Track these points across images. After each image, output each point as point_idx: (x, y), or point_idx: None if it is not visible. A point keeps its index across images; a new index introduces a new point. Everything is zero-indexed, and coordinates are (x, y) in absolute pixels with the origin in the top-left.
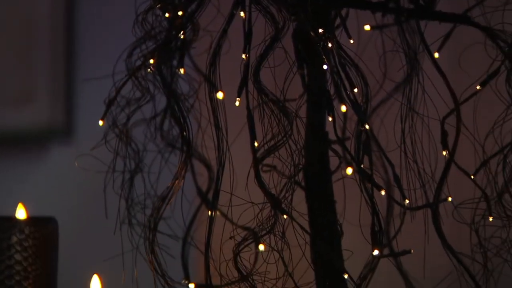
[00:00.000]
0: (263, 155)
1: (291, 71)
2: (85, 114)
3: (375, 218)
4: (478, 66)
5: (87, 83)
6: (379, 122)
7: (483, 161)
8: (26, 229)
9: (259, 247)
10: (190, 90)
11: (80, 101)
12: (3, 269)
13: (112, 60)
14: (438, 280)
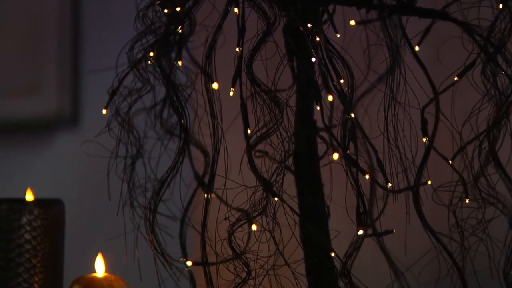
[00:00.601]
0: (255, 142)
1: (282, 63)
2: (90, 104)
3: (360, 200)
4: (455, 58)
5: (91, 75)
6: (364, 111)
7: (460, 147)
8: (35, 210)
9: (251, 227)
10: (188, 81)
11: (85, 91)
12: (14, 247)
13: (115, 53)
14: (418, 258)
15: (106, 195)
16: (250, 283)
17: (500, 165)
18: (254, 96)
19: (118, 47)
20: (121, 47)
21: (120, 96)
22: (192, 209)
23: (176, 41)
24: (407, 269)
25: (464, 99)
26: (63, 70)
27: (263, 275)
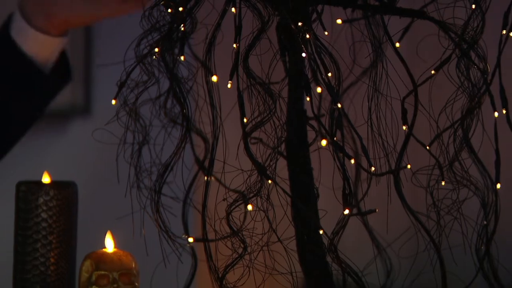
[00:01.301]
0: (251, 130)
1: (275, 58)
2: (101, 95)
3: (346, 182)
4: (432, 54)
5: (102, 68)
6: (349, 102)
7: (436, 134)
8: (51, 192)
9: (247, 207)
10: (189, 74)
11: (96, 84)
12: (32, 225)
13: (123, 49)
14: (399, 235)
15: (115, 178)
16: (246, 258)
17: (473, 151)
18: (250, 88)
19: (126, 43)
20: (129, 44)
21: (127, 88)
22: (194, 191)
23: (178, 38)
24: (389, 245)
25: (440, 91)
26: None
27: (258, 250)
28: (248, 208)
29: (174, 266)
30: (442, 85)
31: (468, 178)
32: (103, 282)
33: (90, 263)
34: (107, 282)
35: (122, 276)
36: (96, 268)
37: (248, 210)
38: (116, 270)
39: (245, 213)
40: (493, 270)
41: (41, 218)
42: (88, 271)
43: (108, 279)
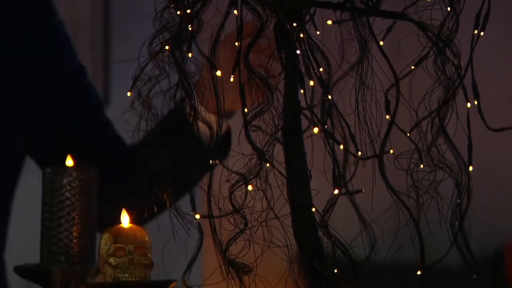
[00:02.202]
0: (251, 118)
1: (273, 55)
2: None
3: (335, 165)
4: (412, 51)
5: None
6: (338, 93)
7: (416, 122)
8: (74, 173)
9: (248, 188)
10: (196, 69)
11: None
12: (57, 203)
13: (138, 46)
14: (382, 212)
15: None
16: (246, 233)
17: (448, 137)
18: (250, 82)
19: (140, 41)
20: (143, 42)
21: (141, 81)
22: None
23: (186, 37)
24: (373, 221)
25: (420, 84)
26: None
27: (257, 226)
28: (249, 188)
29: (182, 240)
30: (421, 79)
31: (444, 161)
32: (120, 253)
33: (108, 237)
34: (124, 253)
35: (136, 249)
36: (113, 241)
37: (248, 190)
38: (131, 243)
39: (246, 193)
40: (466, 243)
41: (65, 197)
42: (106, 244)
43: (124, 251)
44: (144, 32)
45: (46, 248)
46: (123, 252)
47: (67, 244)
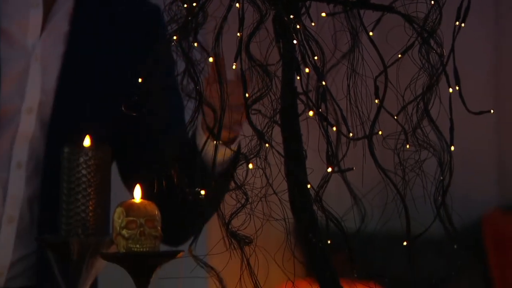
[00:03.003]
0: (252, 102)
1: (271, 44)
2: None
3: (329, 146)
4: (399, 41)
5: None
6: (332, 80)
7: (402, 106)
8: (89, 153)
9: (249, 166)
10: (201, 57)
11: None
12: (74, 180)
13: None
14: (372, 188)
15: None
16: (247, 207)
17: (432, 120)
18: (251, 69)
19: None
20: None
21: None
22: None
23: (192, 28)
24: (363, 196)
25: (406, 71)
26: None
27: (257, 201)
28: (249, 167)
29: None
30: (407, 67)
31: (428, 142)
32: (132, 226)
33: (121, 210)
34: (135, 226)
35: (147, 222)
36: (126, 215)
37: (249, 168)
38: (142, 216)
39: (247, 171)
40: (448, 216)
41: (82, 174)
42: (119, 217)
43: (136, 223)
44: None
45: (65, 221)
46: (135, 225)
47: (83, 218)
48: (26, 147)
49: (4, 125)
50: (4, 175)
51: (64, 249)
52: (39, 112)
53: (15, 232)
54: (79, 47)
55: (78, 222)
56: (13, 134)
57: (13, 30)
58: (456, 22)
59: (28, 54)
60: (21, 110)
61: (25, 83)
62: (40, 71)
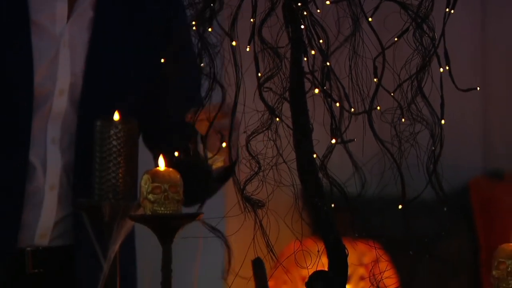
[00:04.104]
0: (264, 81)
1: (281, 29)
2: None
3: (333, 119)
4: (395, 26)
5: None
6: (335, 61)
7: (398, 84)
8: (119, 126)
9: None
10: (218, 41)
11: None
12: (105, 150)
13: None
14: (371, 157)
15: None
16: (260, 175)
17: (425, 96)
18: (263, 51)
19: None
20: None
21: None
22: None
23: (210, 15)
24: (363, 164)
25: (402, 52)
26: None
27: (268, 169)
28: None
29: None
30: (402, 49)
31: (421, 116)
32: (157, 191)
33: (148, 177)
34: (160, 191)
35: (170, 187)
36: (152, 181)
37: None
38: (166, 182)
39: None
40: (439, 182)
41: (112, 145)
42: (146, 183)
43: (161, 189)
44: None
45: (98, 187)
46: (160, 190)
47: (114, 184)
48: (59, 125)
49: (39, 106)
50: (42, 150)
51: (97, 212)
52: (70, 93)
53: (57, 198)
54: (104, 32)
55: (109, 188)
56: (47, 113)
57: (42, 20)
58: (446, 9)
59: (57, 41)
60: (54, 92)
61: (56, 68)
62: (69, 56)
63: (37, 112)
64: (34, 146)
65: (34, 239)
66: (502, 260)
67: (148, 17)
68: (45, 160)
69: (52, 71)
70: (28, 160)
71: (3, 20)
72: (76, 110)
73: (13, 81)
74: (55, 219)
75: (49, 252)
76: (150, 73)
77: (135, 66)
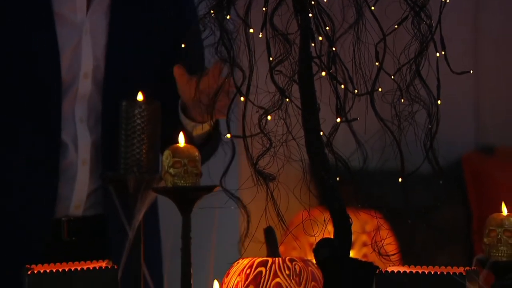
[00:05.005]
0: (275, 64)
1: (291, 17)
2: None
3: (338, 100)
4: (396, 13)
5: None
6: (340, 46)
7: (398, 67)
8: (143, 106)
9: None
10: (234, 28)
11: None
12: (131, 127)
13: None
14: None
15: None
16: (271, 151)
17: (422, 79)
18: (274, 37)
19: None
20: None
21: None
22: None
23: (227, 3)
24: (366, 141)
25: (401, 39)
26: None
27: (279, 145)
28: (268, 118)
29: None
30: (402, 35)
31: (419, 97)
32: (177, 165)
33: (169, 153)
34: (180, 165)
35: (189, 162)
36: (173, 156)
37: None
38: (186, 157)
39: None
40: (435, 157)
41: (137, 123)
42: (167, 158)
43: (181, 163)
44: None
45: (123, 161)
46: (180, 164)
47: (138, 159)
48: (86, 105)
49: (67, 89)
50: (72, 129)
51: (123, 184)
52: (94, 76)
53: (88, 172)
54: (122, 17)
55: (134, 162)
56: (74, 95)
57: (63, 12)
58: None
59: (79, 29)
60: (79, 76)
61: (79, 53)
62: (91, 42)
63: (66, 95)
64: (65, 126)
65: (69, 210)
66: (493, 228)
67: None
68: (76, 138)
69: (76, 57)
70: (61, 139)
71: (29, 14)
72: (100, 91)
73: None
74: (87, 191)
75: (82, 222)
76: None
77: (152, 47)
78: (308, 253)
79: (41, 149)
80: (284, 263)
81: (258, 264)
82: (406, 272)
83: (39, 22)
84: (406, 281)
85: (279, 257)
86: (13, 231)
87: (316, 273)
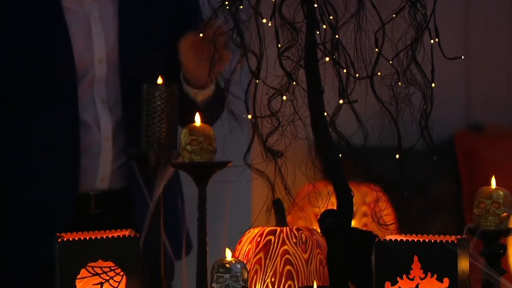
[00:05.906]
0: (283, 50)
1: (298, 7)
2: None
3: (340, 83)
4: (394, 4)
5: None
6: (343, 34)
7: (396, 53)
8: (162, 88)
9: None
10: (247, 17)
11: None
12: (151, 108)
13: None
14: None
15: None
16: (279, 129)
17: (418, 63)
18: (282, 26)
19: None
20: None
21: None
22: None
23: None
24: (366, 121)
25: (399, 27)
26: None
27: (287, 125)
28: (284, 98)
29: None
30: (399, 23)
31: (415, 80)
32: (194, 143)
33: (186, 131)
34: (196, 143)
35: (205, 140)
36: (189, 134)
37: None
38: (201, 136)
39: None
40: (429, 136)
41: (157, 104)
42: (185, 136)
43: (197, 141)
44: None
45: (145, 139)
46: (196, 142)
47: (158, 136)
48: (104, 87)
49: (84, 74)
50: (93, 110)
51: (144, 159)
52: (108, 60)
53: (112, 148)
54: (128, 2)
55: (154, 140)
56: (91, 79)
57: (71, 4)
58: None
59: (87, 18)
60: (94, 61)
61: (91, 41)
62: (101, 29)
63: (83, 80)
64: (86, 107)
65: (95, 184)
66: (482, 200)
67: None
68: (97, 118)
69: (88, 44)
70: (80, 119)
71: (40, 10)
72: (116, 73)
73: (56, 59)
74: (112, 167)
75: (108, 195)
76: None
77: (161, 28)
78: (313, 222)
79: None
80: (291, 232)
81: (268, 233)
82: (403, 240)
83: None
84: (403, 248)
85: (287, 226)
86: (43, 206)
87: (320, 241)
